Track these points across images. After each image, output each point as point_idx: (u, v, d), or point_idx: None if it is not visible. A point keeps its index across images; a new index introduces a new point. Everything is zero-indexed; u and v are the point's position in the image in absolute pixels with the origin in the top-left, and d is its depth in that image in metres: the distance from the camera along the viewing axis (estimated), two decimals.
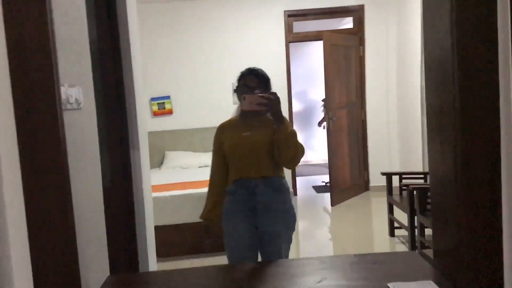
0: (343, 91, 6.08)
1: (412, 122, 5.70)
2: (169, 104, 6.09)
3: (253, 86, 2.35)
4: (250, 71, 2.43)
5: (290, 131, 2.27)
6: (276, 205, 2.39)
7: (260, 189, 2.36)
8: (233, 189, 2.43)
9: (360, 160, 6.44)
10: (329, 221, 5.52)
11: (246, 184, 2.38)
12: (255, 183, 2.36)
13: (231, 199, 2.44)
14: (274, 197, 2.38)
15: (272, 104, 2.16)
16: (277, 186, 2.40)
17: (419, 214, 3.92)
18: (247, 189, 2.37)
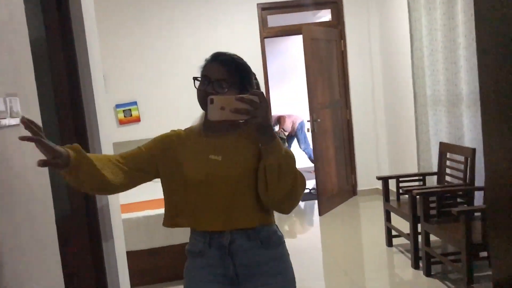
0: (326, 89, 5.63)
1: (403, 119, 5.29)
2: (136, 110, 5.52)
3: (219, 79, 1.52)
4: (215, 56, 1.58)
5: (284, 152, 1.45)
6: (267, 269, 1.57)
7: (240, 246, 1.55)
8: (197, 248, 1.58)
9: (346, 163, 6.00)
10: (319, 232, 5.04)
11: (217, 241, 1.55)
12: (231, 238, 1.54)
13: (195, 264, 1.60)
14: (262, 257, 1.57)
15: (257, 111, 1.36)
16: (265, 240, 1.57)
17: (423, 222, 3.48)
18: (219, 248, 1.55)
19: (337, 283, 3.66)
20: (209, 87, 1.51)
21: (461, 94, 3.80)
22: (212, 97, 1.39)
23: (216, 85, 1.51)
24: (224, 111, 1.37)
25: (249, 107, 1.36)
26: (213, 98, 1.38)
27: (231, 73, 1.53)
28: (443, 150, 4.01)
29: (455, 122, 3.93)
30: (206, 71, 1.55)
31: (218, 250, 1.54)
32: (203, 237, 1.56)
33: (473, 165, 3.56)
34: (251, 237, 1.55)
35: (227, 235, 1.54)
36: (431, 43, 4.19)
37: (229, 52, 1.61)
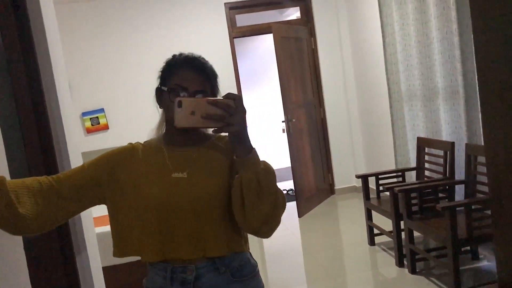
0: (299, 89, 5.54)
1: (377, 115, 5.25)
2: (103, 118, 5.30)
3: (198, 90, 1.29)
4: (189, 62, 1.33)
5: (263, 166, 1.25)
6: None
7: (207, 282, 1.31)
8: (157, 285, 1.34)
9: (323, 162, 5.93)
10: (299, 235, 4.94)
11: (180, 276, 1.31)
12: (197, 270, 1.31)
13: None
14: None
15: (232, 117, 1.17)
16: (237, 271, 1.35)
17: (406, 219, 3.43)
18: (182, 284, 1.31)
19: (321, 286, 3.57)
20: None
21: (436, 88, 3.77)
22: (180, 99, 1.17)
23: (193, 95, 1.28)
24: (194, 117, 1.16)
25: (224, 113, 1.16)
26: (181, 101, 1.16)
27: (209, 82, 1.32)
28: (421, 144, 3.97)
29: (432, 116, 3.90)
30: (179, 80, 1.29)
31: (181, 286, 1.30)
32: (163, 271, 1.31)
33: (452, 159, 3.53)
34: (220, 271, 1.31)
35: (191, 269, 1.30)
36: (403, 38, 4.16)
37: (195, 53, 1.36)
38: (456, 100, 3.54)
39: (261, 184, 1.21)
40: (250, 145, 1.22)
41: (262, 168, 1.23)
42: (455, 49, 3.40)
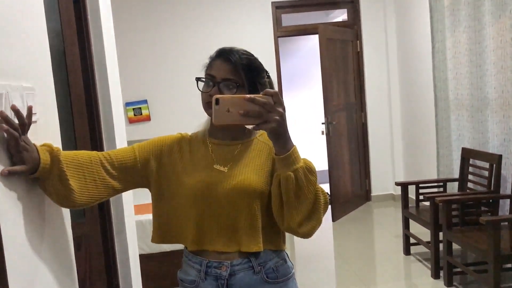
0: (341, 91, 5.49)
1: (421, 123, 5.14)
2: (146, 109, 5.40)
3: (225, 78, 1.30)
4: (220, 53, 1.34)
5: (303, 163, 1.21)
6: None
7: (241, 281, 1.30)
8: (190, 278, 1.35)
9: (361, 167, 5.85)
10: (332, 239, 4.89)
11: (214, 271, 1.31)
12: (232, 267, 1.30)
13: None
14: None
15: (270, 114, 1.14)
16: (272, 272, 1.33)
17: (445, 230, 3.34)
18: (216, 279, 1.30)
19: None
20: (214, 88, 1.29)
21: (486, 98, 3.66)
22: (217, 97, 1.16)
23: (223, 85, 1.29)
24: (231, 114, 1.14)
25: (262, 110, 1.14)
26: (218, 98, 1.15)
27: (240, 72, 1.30)
28: (466, 155, 3.86)
29: (479, 127, 3.79)
30: (210, 69, 1.33)
31: (215, 281, 1.29)
32: (198, 264, 1.32)
33: (498, 172, 3.42)
34: (255, 270, 1.30)
35: (226, 265, 1.29)
36: (454, 45, 4.05)
37: (237, 47, 1.36)
38: (506, 112, 3.42)
39: (299, 183, 1.19)
40: (290, 143, 1.19)
41: (301, 166, 1.19)
42: (509, 59, 3.28)
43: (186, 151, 1.37)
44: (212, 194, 1.29)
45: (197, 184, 1.29)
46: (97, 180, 1.27)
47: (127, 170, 1.32)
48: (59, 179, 1.19)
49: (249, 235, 1.28)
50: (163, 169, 1.35)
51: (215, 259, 1.30)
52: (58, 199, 1.23)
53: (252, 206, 1.28)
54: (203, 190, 1.29)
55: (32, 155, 1.13)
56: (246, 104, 1.14)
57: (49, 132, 1.32)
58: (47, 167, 1.16)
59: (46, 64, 1.34)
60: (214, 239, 1.29)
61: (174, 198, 1.32)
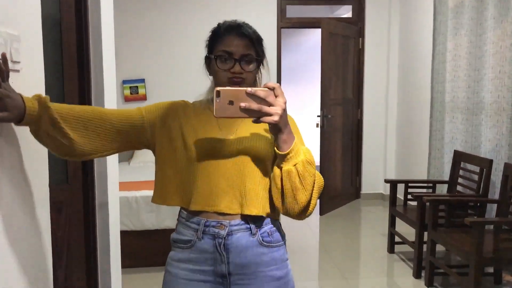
0: (339, 86, 5.47)
1: (416, 124, 5.14)
2: (143, 88, 5.38)
3: (245, 54, 1.31)
4: (233, 26, 1.36)
5: (303, 158, 1.24)
6: (264, 272, 1.34)
7: (238, 241, 1.32)
8: (186, 237, 1.35)
9: (352, 164, 5.85)
10: (318, 232, 4.89)
11: (212, 228, 1.31)
12: (231, 227, 1.31)
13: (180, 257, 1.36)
14: (262, 258, 1.34)
15: (272, 108, 1.16)
16: (267, 237, 1.35)
17: (431, 230, 3.34)
18: (214, 238, 1.31)
19: (332, 286, 3.52)
20: (236, 65, 1.30)
21: (481, 103, 3.65)
22: (218, 90, 1.15)
23: (244, 62, 1.31)
24: (232, 107, 1.15)
25: (263, 103, 1.15)
26: (219, 91, 1.15)
27: (256, 46, 1.34)
28: (458, 158, 3.86)
29: (473, 131, 3.79)
30: (223, 46, 1.32)
31: (212, 240, 1.30)
32: (196, 224, 1.32)
33: (488, 177, 3.42)
34: (252, 231, 1.32)
35: (225, 224, 1.30)
36: (455, 48, 4.04)
37: (238, 20, 1.39)
38: (501, 117, 3.42)
39: (300, 176, 1.22)
40: (291, 137, 1.22)
41: (302, 160, 1.22)
42: (507, 64, 3.28)
43: (191, 116, 1.38)
44: (218, 157, 1.31)
45: (203, 147, 1.31)
46: (101, 134, 1.27)
47: (134, 129, 1.32)
48: (53, 128, 1.18)
49: (251, 199, 1.31)
50: (167, 131, 1.35)
51: (214, 219, 1.31)
52: (58, 150, 1.23)
53: (256, 174, 1.32)
54: (208, 153, 1.31)
55: (15, 103, 1.10)
56: (247, 97, 1.15)
57: (32, 83, 1.29)
58: (35, 114, 1.14)
59: (35, 14, 1.31)
60: (217, 201, 1.30)
61: (179, 160, 1.33)
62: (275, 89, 1.16)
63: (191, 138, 1.32)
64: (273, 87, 1.16)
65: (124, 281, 2.80)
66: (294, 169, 1.21)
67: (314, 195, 1.27)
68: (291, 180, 1.22)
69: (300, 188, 1.23)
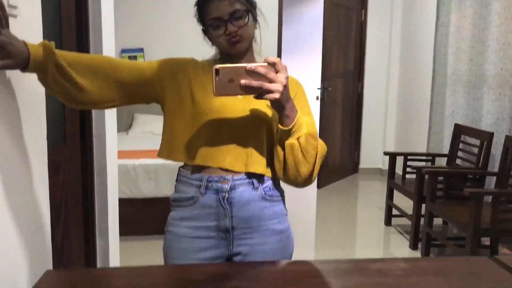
0: (341, 59, 5.41)
1: (417, 98, 5.09)
2: (141, 58, 5.30)
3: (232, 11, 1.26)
4: None
5: (306, 131, 1.22)
6: (266, 226, 1.35)
7: (241, 195, 1.31)
8: (188, 194, 1.34)
9: (352, 138, 5.82)
10: (315, 204, 4.89)
11: (215, 183, 1.30)
12: (233, 182, 1.30)
13: (182, 215, 1.35)
14: (264, 211, 1.34)
15: (273, 85, 1.12)
16: (269, 191, 1.35)
17: (428, 202, 3.34)
18: (217, 193, 1.31)
19: (329, 255, 3.53)
20: (229, 26, 1.26)
21: (484, 75, 3.61)
22: (217, 67, 1.10)
23: (233, 20, 1.26)
24: (232, 85, 1.11)
25: (264, 79, 1.11)
26: (218, 69, 1.10)
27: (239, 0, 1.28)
28: (458, 132, 3.83)
29: (474, 104, 3.75)
30: (210, 14, 1.28)
31: (215, 195, 1.30)
32: (198, 180, 1.32)
33: (488, 150, 3.40)
34: (254, 185, 1.32)
35: (228, 179, 1.30)
36: (458, 20, 3.97)
37: None
38: (503, 89, 3.38)
39: (302, 150, 1.22)
40: (294, 111, 1.20)
41: (305, 133, 1.21)
42: None
43: (200, 72, 1.35)
44: (225, 114, 1.29)
45: (211, 103, 1.29)
46: (111, 83, 1.24)
47: (144, 82, 1.30)
48: (60, 75, 1.15)
49: (256, 158, 1.31)
50: (176, 85, 1.33)
51: (217, 174, 1.31)
52: (67, 98, 1.21)
53: (261, 134, 1.31)
54: (216, 109, 1.29)
55: (19, 49, 1.07)
56: (247, 74, 1.10)
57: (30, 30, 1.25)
58: (39, 60, 1.11)
59: None
60: (221, 157, 1.30)
61: (187, 115, 1.32)
62: (276, 64, 1.12)
63: (199, 93, 1.31)
64: (274, 62, 1.12)
65: (122, 247, 2.80)
66: (297, 143, 1.21)
67: (317, 165, 1.28)
68: (294, 154, 1.23)
69: (302, 161, 1.24)
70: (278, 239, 1.37)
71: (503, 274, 1.18)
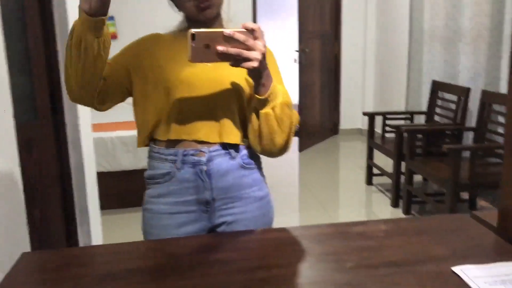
0: (317, 19, 5.33)
1: (394, 56, 5.07)
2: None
3: None
4: None
5: (282, 100, 1.20)
6: (247, 193, 1.33)
7: (219, 165, 1.29)
8: (164, 170, 1.30)
9: (331, 100, 5.81)
10: (297, 167, 4.92)
11: (191, 156, 1.27)
12: (210, 153, 1.28)
13: (158, 191, 1.32)
14: (243, 180, 1.32)
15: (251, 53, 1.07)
16: (247, 159, 1.33)
17: (408, 160, 3.37)
18: (194, 166, 1.28)
19: (313, 216, 3.57)
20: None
21: (460, 30, 3.59)
22: (193, 32, 1.03)
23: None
24: (208, 52, 1.05)
25: (242, 46, 1.06)
26: (194, 34, 1.03)
27: None
28: (436, 88, 3.84)
29: (451, 60, 3.75)
30: None
31: (192, 168, 1.27)
32: (173, 155, 1.28)
33: (465, 105, 3.42)
34: (232, 155, 1.30)
35: (204, 151, 1.27)
36: None
37: None
38: (479, 44, 3.37)
39: (277, 120, 1.20)
40: (269, 79, 1.16)
41: (280, 103, 1.19)
42: None
43: (164, 45, 1.31)
44: (195, 84, 1.25)
45: (180, 74, 1.25)
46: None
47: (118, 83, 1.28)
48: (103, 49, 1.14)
49: (230, 127, 1.28)
50: (142, 67, 1.28)
51: (193, 148, 1.28)
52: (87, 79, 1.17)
53: (233, 100, 1.28)
54: (185, 80, 1.25)
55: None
56: (225, 40, 1.05)
57: None
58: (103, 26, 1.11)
59: None
60: (195, 129, 1.27)
61: (157, 92, 1.27)
62: (254, 30, 1.07)
63: (167, 64, 1.27)
64: (252, 28, 1.07)
65: (104, 222, 2.77)
66: (272, 112, 1.19)
67: (291, 135, 1.26)
68: (269, 124, 1.20)
69: (277, 131, 1.21)
70: (259, 206, 1.36)
71: (482, 230, 1.19)
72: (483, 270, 0.97)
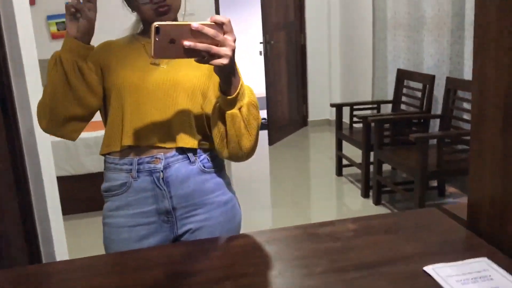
0: (281, 9, 5.27)
1: (359, 45, 5.07)
2: None
3: None
4: None
5: (248, 100, 1.13)
6: (211, 199, 1.26)
7: (177, 171, 1.22)
8: (119, 182, 1.23)
9: (298, 92, 5.79)
10: (268, 162, 4.88)
11: (147, 164, 1.21)
12: (166, 159, 1.21)
13: (116, 204, 1.25)
14: (205, 185, 1.25)
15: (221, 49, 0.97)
16: (207, 163, 1.26)
17: (376, 150, 3.37)
18: (151, 173, 1.21)
19: (285, 213, 3.53)
20: None
21: (423, 17, 3.60)
22: (157, 25, 0.93)
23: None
24: (174, 47, 0.95)
25: (210, 41, 0.96)
26: (159, 27, 0.93)
27: None
28: (401, 77, 3.85)
29: (415, 48, 3.76)
30: None
31: (149, 177, 1.20)
32: (127, 165, 1.21)
33: (431, 93, 3.43)
34: (190, 160, 1.23)
35: (160, 157, 1.20)
36: None
37: None
38: (441, 30, 3.38)
39: (244, 121, 1.12)
40: (237, 78, 1.08)
41: (247, 103, 1.11)
42: None
43: (114, 51, 1.26)
44: (148, 87, 1.19)
45: (131, 76, 1.20)
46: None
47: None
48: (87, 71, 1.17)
49: (185, 132, 1.21)
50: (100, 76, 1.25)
51: (148, 155, 1.21)
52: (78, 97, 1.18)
53: (189, 103, 1.21)
54: (137, 82, 1.20)
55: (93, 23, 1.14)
56: (192, 34, 0.95)
57: None
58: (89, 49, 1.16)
59: None
60: (150, 134, 1.20)
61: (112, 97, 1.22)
62: (224, 24, 0.98)
63: (119, 68, 1.21)
64: (222, 22, 0.97)
65: (68, 227, 2.67)
66: (239, 113, 1.11)
67: (257, 138, 1.20)
68: (236, 126, 1.12)
69: (245, 133, 1.14)
70: (223, 211, 1.30)
71: (452, 224, 1.17)
72: (455, 268, 0.94)
